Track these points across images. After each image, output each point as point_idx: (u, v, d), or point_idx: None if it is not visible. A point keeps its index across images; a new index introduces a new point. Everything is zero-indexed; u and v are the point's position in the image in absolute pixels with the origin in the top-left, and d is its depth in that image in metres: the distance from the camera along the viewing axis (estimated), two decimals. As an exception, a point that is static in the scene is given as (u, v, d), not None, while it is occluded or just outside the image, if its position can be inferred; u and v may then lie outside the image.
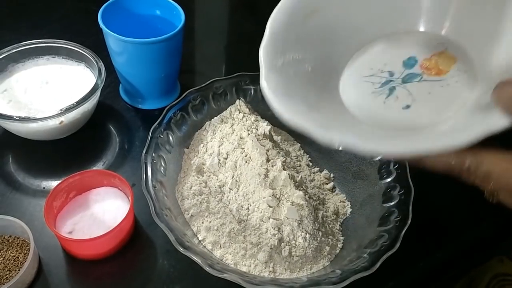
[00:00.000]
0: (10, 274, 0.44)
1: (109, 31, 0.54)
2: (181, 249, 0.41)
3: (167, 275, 0.48)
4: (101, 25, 0.55)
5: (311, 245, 0.46)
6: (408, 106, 0.35)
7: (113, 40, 0.56)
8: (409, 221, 0.46)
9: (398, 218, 0.46)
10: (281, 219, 0.47)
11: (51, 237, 0.49)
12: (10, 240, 0.47)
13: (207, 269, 0.40)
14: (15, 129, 0.54)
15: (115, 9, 0.59)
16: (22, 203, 0.52)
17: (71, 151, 0.58)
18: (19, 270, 0.44)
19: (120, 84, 0.66)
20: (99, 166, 0.57)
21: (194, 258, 0.40)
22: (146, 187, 0.46)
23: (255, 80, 0.60)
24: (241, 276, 0.40)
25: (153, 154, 0.50)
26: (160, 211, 0.44)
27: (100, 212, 0.50)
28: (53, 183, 0.54)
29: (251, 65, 0.42)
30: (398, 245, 0.43)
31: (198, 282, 0.47)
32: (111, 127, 0.62)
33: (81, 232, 0.48)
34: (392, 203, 0.49)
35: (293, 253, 0.46)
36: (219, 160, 0.52)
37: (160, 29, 0.60)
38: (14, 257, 0.46)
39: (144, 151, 0.50)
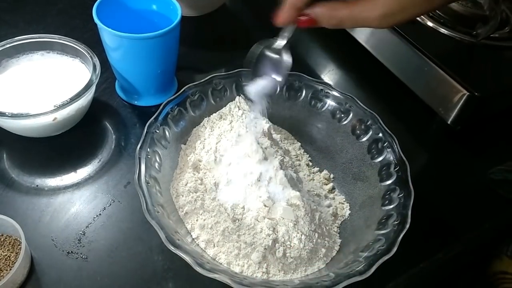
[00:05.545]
0: (1, 274, 0.44)
1: (103, 26, 0.53)
2: (171, 248, 0.40)
3: (162, 274, 0.47)
4: (96, 20, 0.54)
5: (307, 247, 0.45)
6: None
7: (108, 35, 0.55)
8: (407, 226, 0.44)
9: (396, 222, 0.45)
10: (276, 219, 0.46)
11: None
12: (2, 239, 0.46)
13: (197, 268, 0.38)
14: (8, 125, 0.53)
15: (111, 4, 0.58)
16: (15, 201, 0.51)
17: (66, 148, 0.57)
18: (10, 269, 0.44)
19: (116, 81, 0.65)
20: (94, 164, 0.56)
21: (184, 256, 0.39)
22: (139, 183, 0.45)
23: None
24: (231, 277, 0.38)
25: (148, 150, 0.49)
26: (152, 208, 0.43)
27: None
28: (46, 181, 0.53)
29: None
30: (394, 250, 0.42)
31: (193, 281, 0.46)
32: (107, 124, 0.61)
33: None
34: (391, 206, 0.47)
35: (287, 254, 0.45)
36: (215, 157, 0.51)
37: (157, 24, 0.58)
38: (6, 256, 0.45)
39: (138, 146, 0.48)
